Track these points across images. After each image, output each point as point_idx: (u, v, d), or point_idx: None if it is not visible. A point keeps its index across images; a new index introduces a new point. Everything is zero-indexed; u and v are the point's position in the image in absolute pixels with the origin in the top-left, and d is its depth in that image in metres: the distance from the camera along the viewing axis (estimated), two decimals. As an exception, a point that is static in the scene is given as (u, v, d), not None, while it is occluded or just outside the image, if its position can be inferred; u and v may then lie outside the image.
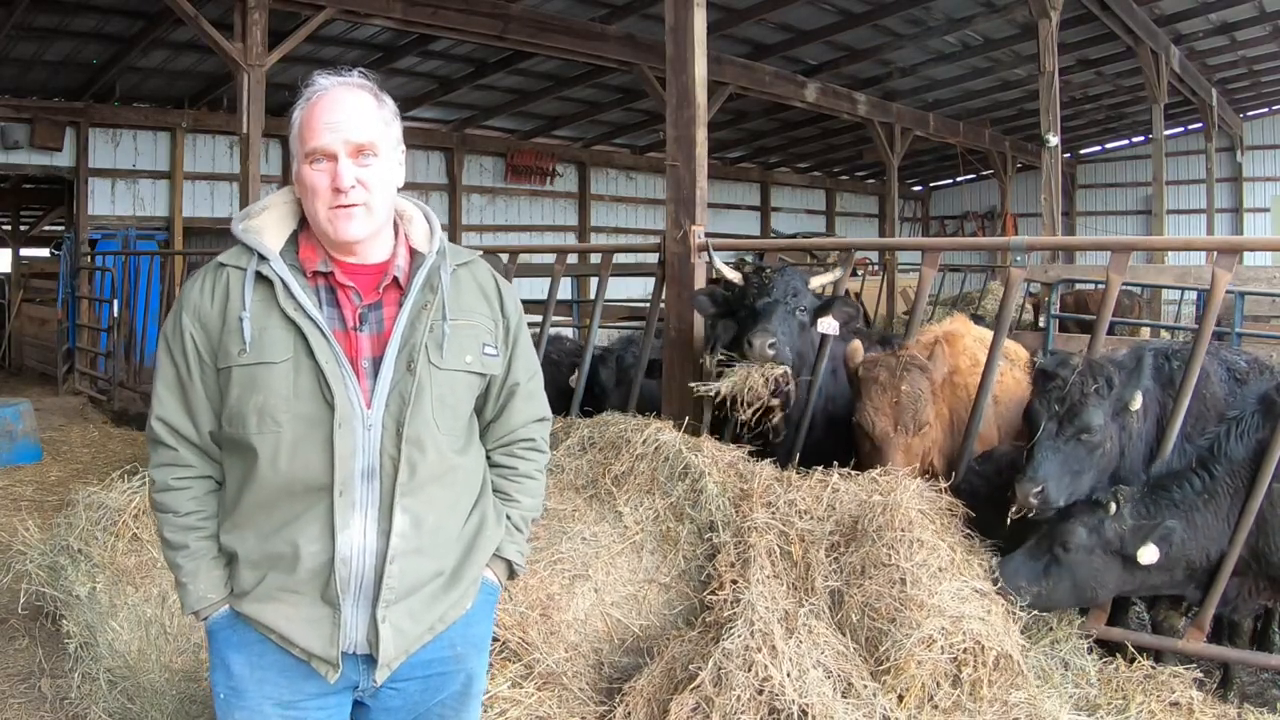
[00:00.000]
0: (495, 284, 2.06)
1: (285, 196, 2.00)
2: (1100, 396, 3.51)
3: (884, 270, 16.49)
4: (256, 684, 1.91)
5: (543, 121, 16.51)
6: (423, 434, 1.88)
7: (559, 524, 3.83)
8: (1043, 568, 3.41)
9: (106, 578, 3.88)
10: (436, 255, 1.97)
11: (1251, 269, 8.62)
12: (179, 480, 1.94)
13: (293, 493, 1.85)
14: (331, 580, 1.84)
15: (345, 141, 1.85)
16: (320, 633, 1.86)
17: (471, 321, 1.97)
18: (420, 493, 1.89)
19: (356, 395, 1.84)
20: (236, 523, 1.92)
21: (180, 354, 1.90)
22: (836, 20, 12.56)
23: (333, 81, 1.90)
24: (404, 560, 1.87)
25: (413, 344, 1.88)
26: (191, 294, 1.91)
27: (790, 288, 4.28)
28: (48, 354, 12.69)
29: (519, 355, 2.08)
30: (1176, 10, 13.08)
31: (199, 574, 1.93)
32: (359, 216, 1.87)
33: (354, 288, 1.91)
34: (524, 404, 2.11)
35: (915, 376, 3.90)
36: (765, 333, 4.06)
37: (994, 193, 21.91)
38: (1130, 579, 3.44)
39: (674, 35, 4.93)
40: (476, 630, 2.07)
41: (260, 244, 1.89)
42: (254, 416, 1.84)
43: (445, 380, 1.92)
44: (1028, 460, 3.50)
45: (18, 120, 11.55)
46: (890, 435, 3.89)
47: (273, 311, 1.85)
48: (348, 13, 8.85)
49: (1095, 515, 3.39)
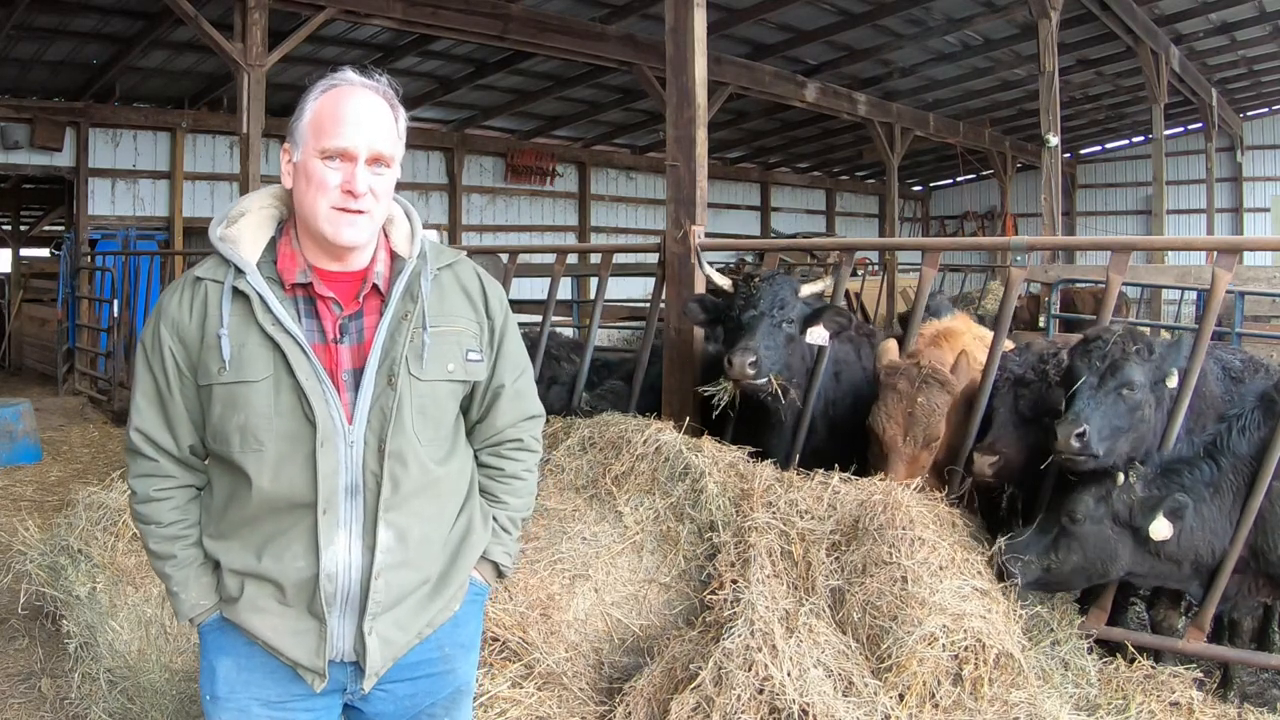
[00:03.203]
0: (480, 285, 2.02)
1: (263, 201, 1.95)
2: (1141, 358, 3.47)
3: (884, 270, 16.46)
4: (244, 685, 1.91)
5: (543, 121, 16.51)
6: (404, 449, 1.86)
7: (559, 524, 3.83)
8: (1051, 541, 3.38)
9: (106, 578, 3.88)
10: (417, 260, 1.93)
11: (1251, 269, 8.64)
12: (160, 491, 1.92)
13: (277, 509, 1.84)
14: (317, 595, 1.84)
15: (369, 147, 1.82)
16: (306, 644, 1.86)
17: (454, 327, 1.94)
18: (404, 507, 1.87)
19: (338, 411, 1.82)
20: (222, 532, 1.91)
21: (160, 368, 1.87)
22: (836, 20, 12.56)
23: (358, 81, 1.86)
24: (389, 574, 1.87)
25: (393, 357, 1.85)
26: (170, 307, 1.87)
27: (777, 299, 4.22)
28: (48, 354, 12.69)
29: (504, 356, 2.04)
30: (1176, 10, 13.08)
31: (189, 582, 1.92)
32: (362, 224, 1.84)
33: (334, 298, 1.87)
34: (510, 405, 2.07)
35: (934, 391, 3.83)
36: (745, 351, 4.02)
37: (994, 193, 21.92)
38: (1142, 559, 3.40)
39: (674, 35, 4.93)
40: (464, 631, 2.06)
41: (236, 256, 1.85)
42: (236, 435, 1.82)
43: (426, 391, 1.89)
44: (1067, 406, 3.43)
45: (18, 120, 11.54)
46: (899, 445, 3.85)
47: (251, 327, 1.82)
48: (348, 13, 8.84)
49: (1103, 485, 3.36)
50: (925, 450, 3.87)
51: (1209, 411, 3.85)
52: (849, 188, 24.11)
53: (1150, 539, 3.32)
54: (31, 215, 17.01)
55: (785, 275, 4.48)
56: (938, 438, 3.86)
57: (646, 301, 6.16)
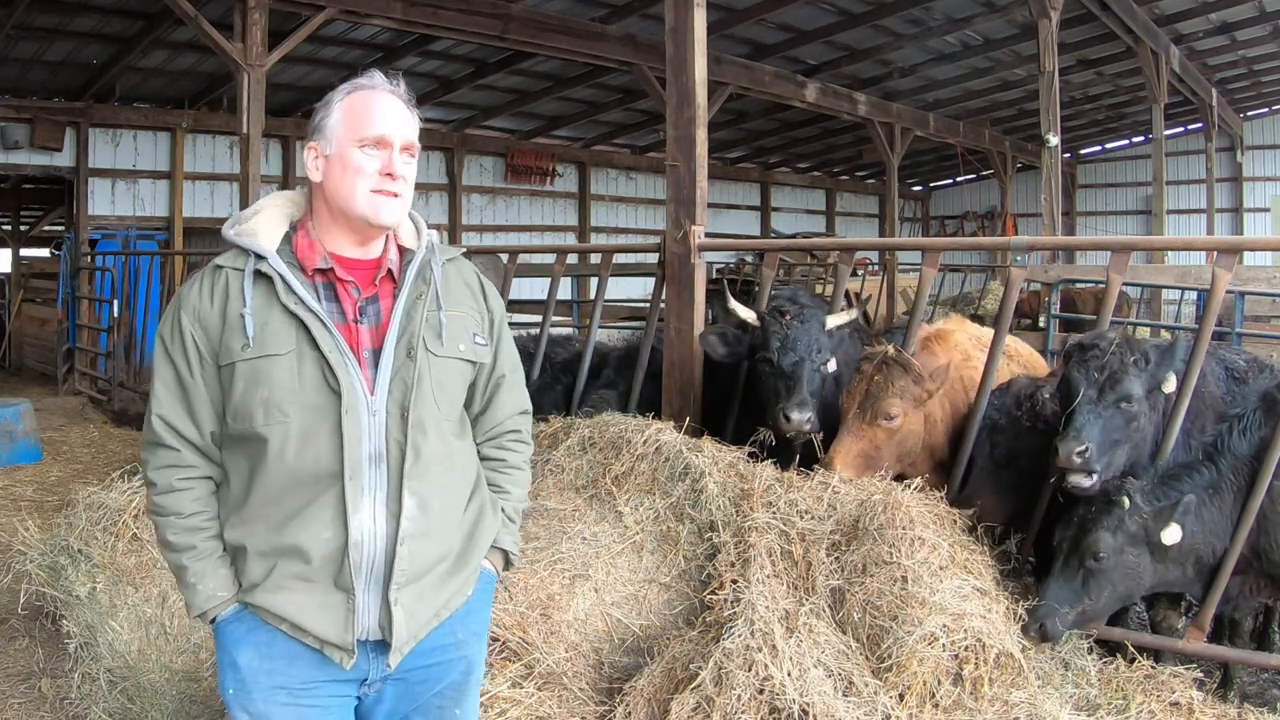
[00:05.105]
0: (479, 280, 2.16)
1: (276, 200, 2.06)
2: (1139, 368, 3.49)
3: (884, 270, 16.47)
4: (267, 674, 1.92)
5: (543, 121, 16.51)
6: (425, 418, 1.94)
7: (559, 524, 3.83)
8: (1080, 586, 3.37)
9: (106, 578, 3.88)
10: (426, 250, 2.05)
11: (1251, 269, 8.63)
12: (182, 481, 1.95)
13: (301, 482, 1.88)
14: (345, 566, 1.87)
15: (402, 135, 1.97)
16: (334, 619, 1.89)
17: (461, 312, 2.05)
18: (425, 475, 1.94)
19: (360, 382, 1.90)
20: (245, 518, 1.93)
21: (180, 355, 1.92)
22: (836, 20, 12.56)
23: (382, 82, 2.00)
24: (413, 543, 1.92)
25: (411, 332, 1.95)
26: (190, 296, 1.94)
27: (814, 343, 4.22)
28: (48, 354, 12.70)
29: (503, 347, 2.17)
30: (1176, 10, 13.08)
31: (206, 574, 1.94)
32: (396, 206, 1.96)
33: (353, 282, 1.97)
34: (509, 396, 2.19)
35: (893, 371, 3.92)
36: (801, 408, 4.03)
37: (994, 193, 21.92)
38: (1162, 569, 3.41)
39: (674, 35, 4.93)
40: (476, 618, 2.11)
41: (256, 245, 1.94)
42: (260, 409, 1.87)
43: (442, 367, 1.99)
44: (1067, 422, 3.45)
45: (18, 120, 11.55)
46: (849, 417, 3.94)
47: (274, 306, 1.90)
48: (348, 13, 8.84)
49: (1114, 515, 3.35)
50: (877, 428, 3.88)
51: (1208, 412, 3.84)
52: (849, 188, 24.11)
53: (1164, 547, 3.32)
54: (31, 215, 17.03)
55: (813, 308, 4.43)
56: (889, 415, 3.88)
57: (646, 301, 6.16)
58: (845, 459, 3.85)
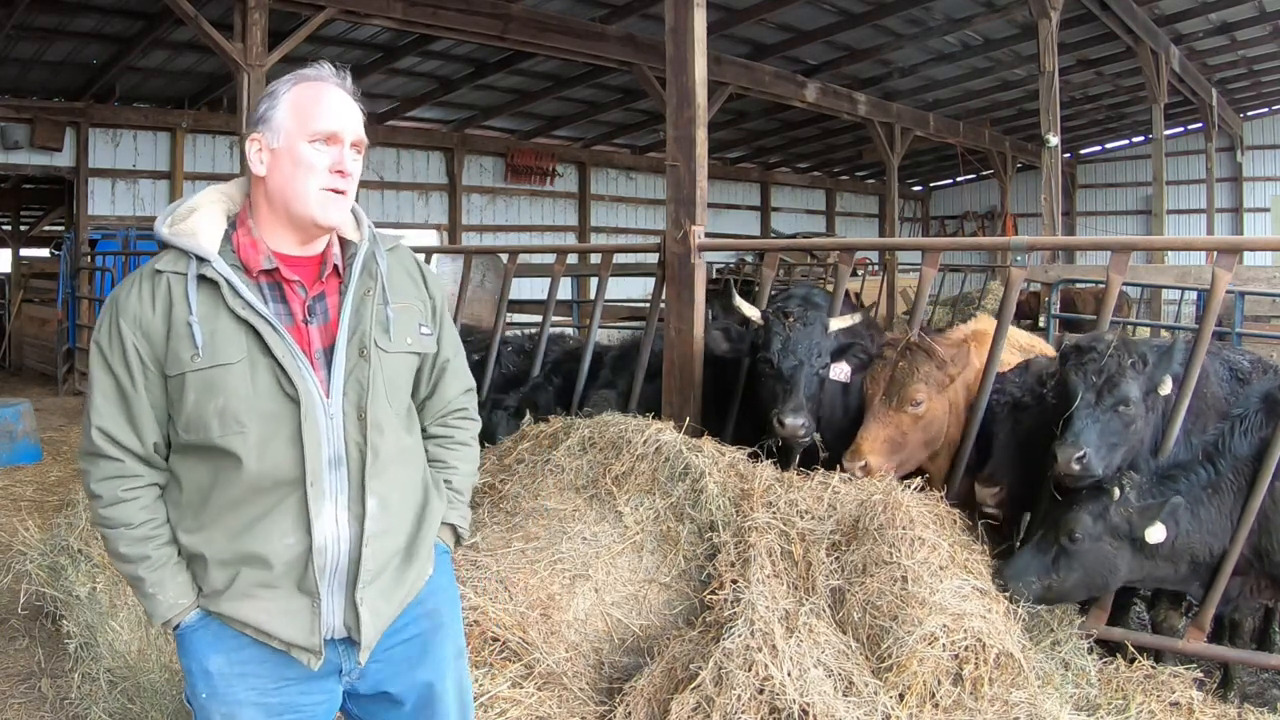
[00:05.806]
0: (419, 267, 2.13)
1: (212, 196, 1.99)
2: (1136, 371, 3.50)
3: (884, 270, 16.48)
4: (239, 678, 1.90)
5: (543, 121, 16.51)
6: (381, 417, 1.93)
7: (559, 524, 3.83)
8: (1051, 560, 3.39)
9: (106, 578, 3.88)
10: (370, 242, 2.02)
11: (1251, 269, 8.63)
12: (128, 491, 1.89)
13: (261, 490, 1.85)
14: (309, 570, 1.86)
15: (353, 131, 1.93)
16: (300, 623, 1.87)
17: (407, 304, 2.03)
18: (384, 474, 1.93)
19: (315, 385, 1.87)
20: (201, 524, 1.89)
21: (121, 364, 1.85)
22: (836, 20, 12.56)
23: (330, 74, 1.95)
24: (375, 542, 1.91)
25: (361, 330, 1.93)
26: (128, 302, 1.86)
27: (815, 347, 4.23)
28: (48, 354, 12.69)
29: (445, 334, 2.15)
30: (1176, 10, 13.08)
31: (165, 583, 1.89)
32: (343, 204, 1.93)
33: (299, 281, 1.92)
34: (454, 378, 2.19)
35: (918, 357, 3.95)
36: (796, 413, 4.06)
37: (994, 193, 21.92)
38: (1139, 565, 3.41)
39: (674, 35, 4.92)
40: (439, 583, 2.11)
41: (197, 246, 1.86)
42: (215, 420, 1.82)
43: (392, 363, 1.97)
44: (1066, 426, 3.46)
45: (18, 120, 11.55)
46: (874, 404, 3.96)
47: (220, 312, 1.84)
48: (348, 13, 8.84)
49: (1100, 502, 3.37)
50: (903, 414, 3.90)
51: (1209, 412, 3.84)
52: (849, 188, 24.12)
53: (1147, 544, 3.32)
54: (31, 215, 17.01)
55: (815, 310, 4.43)
56: (915, 401, 3.90)
57: (646, 301, 6.15)
58: (873, 445, 3.87)
